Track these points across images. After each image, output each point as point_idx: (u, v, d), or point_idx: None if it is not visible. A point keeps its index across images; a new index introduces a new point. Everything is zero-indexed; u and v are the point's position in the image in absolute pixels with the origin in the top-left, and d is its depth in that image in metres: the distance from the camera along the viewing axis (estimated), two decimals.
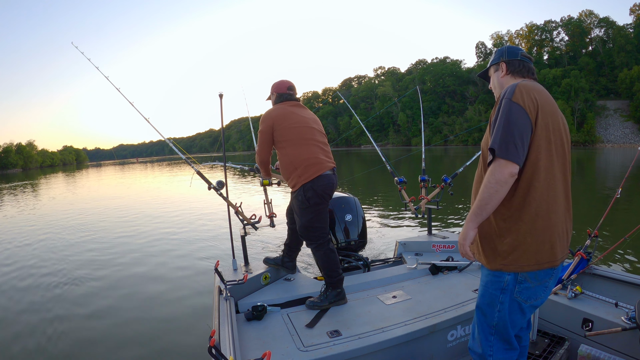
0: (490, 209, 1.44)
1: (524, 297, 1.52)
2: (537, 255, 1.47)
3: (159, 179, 28.33)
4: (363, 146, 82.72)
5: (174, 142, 3.17)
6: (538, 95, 1.47)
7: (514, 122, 1.40)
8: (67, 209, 13.36)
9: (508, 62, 1.67)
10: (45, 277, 5.63)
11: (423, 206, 3.65)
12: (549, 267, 1.49)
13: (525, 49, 58.76)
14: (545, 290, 1.55)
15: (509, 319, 1.55)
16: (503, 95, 1.48)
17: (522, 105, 1.42)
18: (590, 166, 24.12)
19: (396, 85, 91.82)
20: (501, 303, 1.54)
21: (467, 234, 1.50)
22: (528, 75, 1.66)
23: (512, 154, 1.38)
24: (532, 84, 1.51)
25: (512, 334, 1.59)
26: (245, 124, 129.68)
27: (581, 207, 9.33)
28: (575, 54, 73.67)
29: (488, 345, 1.62)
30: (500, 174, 1.38)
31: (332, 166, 2.72)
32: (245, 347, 2.10)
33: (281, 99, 2.82)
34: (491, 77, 1.78)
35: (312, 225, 2.66)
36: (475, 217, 1.47)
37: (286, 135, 2.66)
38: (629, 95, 59.25)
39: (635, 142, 54.29)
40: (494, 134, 1.43)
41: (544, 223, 1.46)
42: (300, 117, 2.73)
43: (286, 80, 2.88)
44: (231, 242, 3.11)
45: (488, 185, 1.41)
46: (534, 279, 1.49)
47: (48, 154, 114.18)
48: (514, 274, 1.50)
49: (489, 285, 1.58)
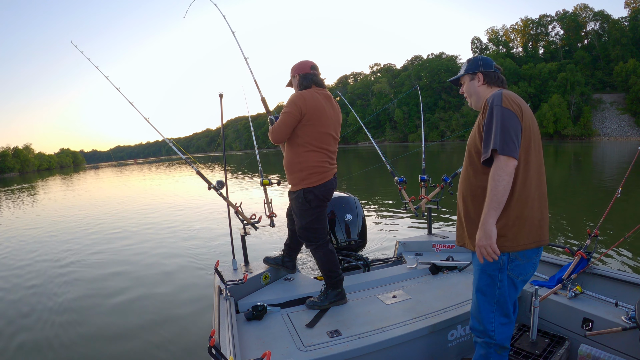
0: (504, 200, 1.63)
1: (515, 273, 1.75)
2: (526, 236, 1.71)
3: (159, 178, 28.26)
4: (360, 143, 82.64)
5: (173, 142, 3.17)
6: (520, 102, 1.73)
7: (509, 124, 1.63)
8: (67, 209, 13.32)
9: (485, 73, 1.89)
10: (45, 277, 5.62)
11: (423, 206, 3.65)
12: (535, 246, 1.74)
13: (520, 44, 58.40)
14: (533, 267, 1.79)
15: (508, 294, 1.77)
16: (492, 103, 1.69)
17: (512, 109, 1.66)
18: (587, 160, 24.22)
19: (392, 81, 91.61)
20: (500, 281, 1.76)
21: (491, 231, 1.64)
22: (502, 85, 1.90)
23: (512, 150, 1.60)
24: (512, 93, 1.76)
25: (511, 308, 1.81)
26: (241, 123, 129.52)
27: (580, 204, 9.37)
28: (571, 47, 73.79)
29: (490, 322, 1.81)
30: (507, 167, 1.60)
31: (335, 172, 2.71)
32: (245, 347, 2.10)
33: (307, 81, 2.62)
34: (465, 84, 1.97)
35: (312, 226, 2.65)
36: (494, 211, 1.64)
37: (306, 136, 2.54)
38: (625, 88, 59.37)
39: (631, 135, 54.53)
40: (493, 136, 1.63)
41: (529, 209, 1.70)
42: (327, 119, 2.59)
43: (308, 60, 2.68)
44: (231, 242, 3.11)
45: (500, 180, 1.60)
46: (524, 257, 1.74)
47: (45, 157, 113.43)
48: (507, 254, 1.72)
49: (487, 268, 1.77)
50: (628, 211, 7.80)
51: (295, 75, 2.68)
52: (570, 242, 5.98)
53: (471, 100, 1.95)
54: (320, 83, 2.67)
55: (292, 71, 2.70)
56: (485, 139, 1.67)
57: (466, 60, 2.01)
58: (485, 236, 1.65)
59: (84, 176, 43.37)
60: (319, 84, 2.66)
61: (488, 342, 1.82)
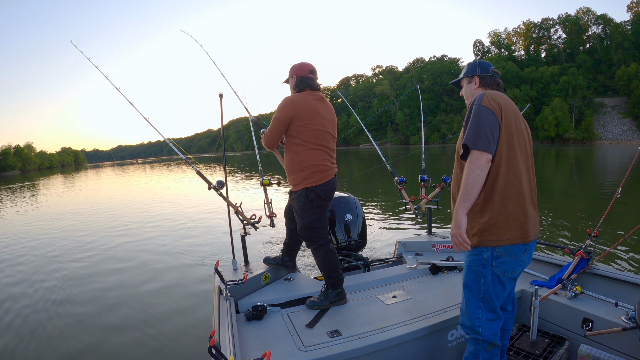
0: (475, 192, 1.69)
1: (501, 270, 1.79)
2: (509, 232, 1.75)
3: (159, 179, 28.30)
4: (361, 145, 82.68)
5: (174, 142, 3.16)
6: (501, 100, 1.77)
7: (484, 120, 1.70)
8: (66, 210, 13.34)
9: (481, 76, 1.97)
10: (45, 276, 5.62)
11: (423, 206, 3.65)
12: (520, 242, 1.77)
13: (522, 47, 58.49)
14: (521, 265, 1.82)
15: (493, 290, 1.81)
16: (473, 102, 1.78)
17: (489, 107, 1.72)
18: (588, 163, 24.18)
19: (394, 84, 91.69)
20: (484, 277, 1.81)
21: (460, 221, 1.71)
22: (497, 89, 1.96)
23: (484, 145, 1.67)
24: (497, 92, 1.83)
25: (497, 304, 1.85)
26: (243, 124, 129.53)
27: (581, 206, 9.37)
28: (573, 51, 73.78)
29: (476, 317, 1.86)
30: (478, 161, 1.67)
31: (336, 171, 2.72)
32: (245, 347, 2.10)
33: (303, 84, 2.65)
34: (464, 86, 2.06)
35: (313, 226, 2.65)
36: (464, 202, 1.70)
37: (303, 135, 2.57)
38: (627, 92, 59.31)
39: (633, 139, 54.43)
40: (467, 133, 1.72)
41: (513, 205, 1.74)
42: (322, 118, 2.62)
43: (308, 63, 2.70)
44: (231, 242, 3.11)
45: (470, 173, 1.68)
46: (509, 254, 1.77)
47: (46, 155, 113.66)
48: (492, 250, 1.77)
49: (472, 264, 1.84)
50: (628, 211, 7.81)
51: (293, 76, 2.71)
52: (570, 242, 5.98)
53: (468, 102, 2.01)
54: (316, 87, 2.69)
55: (291, 71, 2.73)
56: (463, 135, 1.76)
57: (467, 64, 2.09)
58: (455, 225, 1.72)
59: (85, 175, 43.43)
60: (314, 87, 2.69)
61: (476, 339, 1.87)
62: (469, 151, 1.70)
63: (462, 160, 1.77)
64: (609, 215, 2.85)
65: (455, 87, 2.15)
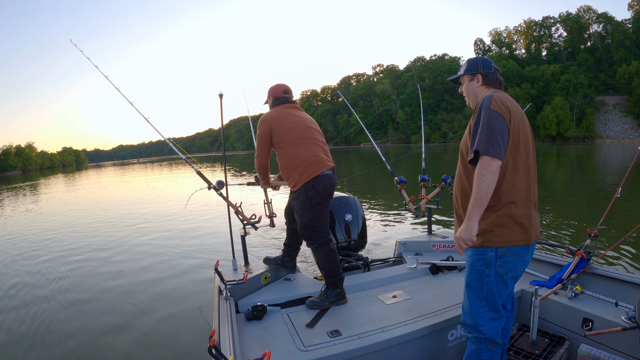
0: (488, 198, 1.68)
1: (505, 270, 1.80)
2: (513, 234, 1.77)
3: (160, 179, 28.31)
4: (362, 144, 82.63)
5: (173, 142, 3.17)
6: (509, 104, 1.77)
7: (494, 125, 1.69)
8: (65, 210, 13.36)
9: (484, 74, 1.94)
10: (45, 275, 5.63)
11: (423, 206, 3.65)
12: (523, 244, 1.79)
13: (523, 45, 58.34)
14: (523, 264, 1.84)
15: (496, 289, 1.83)
16: (481, 105, 1.76)
17: (499, 112, 1.71)
18: (589, 162, 24.13)
19: (395, 82, 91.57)
20: (488, 276, 1.82)
21: (472, 227, 1.69)
22: (499, 86, 1.94)
23: (495, 151, 1.66)
24: (504, 95, 1.82)
25: (500, 303, 1.86)
26: (244, 123, 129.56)
27: (581, 205, 9.35)
28: (574, 49, 73.61)
29: (479, 316, 1.86)
30: (490, 166, 1.66)
31: (332, 165, 2.74)
32: (245, 347, 2.11)
33: (278, 102, 2.85)
34: (464, 83, 2.02)
35: (314, 225, 2.66)
36: (478, 208, 1.68)
37: (285, 136, 2.67)
38: (628, 90, 59.21)
39: (634, 138, 54.34)
40: (478, 137, 1.70)
41: (517, 208, 1.76)
42: (297, 117, 2.75)
43: (282, 84, 2.91)
44: (231, 242, 3.12)
45: (483, 179, 1.66)
46: (512, 254, 1.79)
47: (47, 155, 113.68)
48: (495, 250, 1.78)
49: (475, 263, 1.84)
50: (628, 211, 7.79)
51: (270, 97, 2.91)
52: (571, 242, 5.97)
53: (469, 100, 2.01)
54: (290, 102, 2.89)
55: (268, 93, 2.92)
56: (472, 139, 1.74)
57: (466, 60, 2.05)
58: (466, 230, 1.70)
59: (86, 175, 43.46)
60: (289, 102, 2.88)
61: (479, 337, 1.88)
62: (479, 156, 1.69)
63: (471, 164, 1.76)
64: (609, 215, 2.85)
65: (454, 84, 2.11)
